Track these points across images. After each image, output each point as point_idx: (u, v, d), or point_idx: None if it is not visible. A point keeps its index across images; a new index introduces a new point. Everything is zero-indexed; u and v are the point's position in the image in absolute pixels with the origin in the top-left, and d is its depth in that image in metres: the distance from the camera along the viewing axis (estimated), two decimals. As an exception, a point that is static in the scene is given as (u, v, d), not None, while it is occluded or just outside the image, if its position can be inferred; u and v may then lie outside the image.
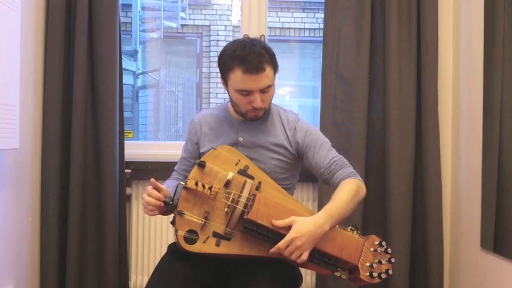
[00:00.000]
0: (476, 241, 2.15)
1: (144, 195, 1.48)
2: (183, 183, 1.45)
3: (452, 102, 2.46)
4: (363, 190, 1.54)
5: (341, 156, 1.60)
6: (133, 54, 4.08)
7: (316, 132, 1.64)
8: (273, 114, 1.66)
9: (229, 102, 1.69)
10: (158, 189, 1.48)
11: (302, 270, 1.71)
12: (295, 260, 1.38)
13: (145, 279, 1.59)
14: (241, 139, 1.62)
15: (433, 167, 2.36)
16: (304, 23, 4.59)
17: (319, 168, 1.57)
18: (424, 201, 2.37)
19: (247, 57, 1.48)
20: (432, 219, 2.36)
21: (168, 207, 1.49)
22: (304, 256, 1.38)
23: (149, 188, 1.47)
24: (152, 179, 1.48)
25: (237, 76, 1.50)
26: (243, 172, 1.50)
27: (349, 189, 1.49)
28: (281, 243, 1.37)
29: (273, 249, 1.39)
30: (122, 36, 2.37)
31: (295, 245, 1.36)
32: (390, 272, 1.45)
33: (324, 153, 1.58)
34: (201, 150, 1.66)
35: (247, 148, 1.61)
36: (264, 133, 1.63)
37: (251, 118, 1.60)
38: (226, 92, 1.63)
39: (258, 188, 1.48)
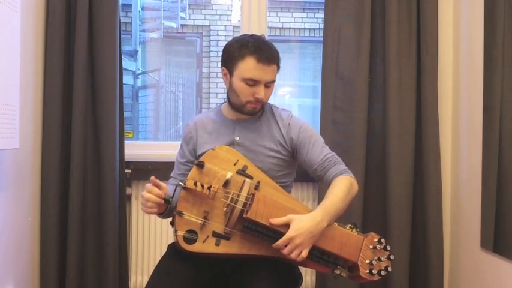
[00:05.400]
0: (476, 241, 2.15)
1: (143, 192, 1.47)
2: (182, 184, 1.46)
3: (452, 102, 2.46)
4: (356, 187, 1.56)
5: (334, 153, 1.63)
6: (133, 54, 4.07)
7: (310, 129, 1.66)
8: (266, 112, 1.67)
9: (222, 105, 1.71)
10: (158, 187, 1.47)
11: (302, 270, 1.71)
12: (295, 258, 1.38)
13: (145, 279, 1.59)
14: (237, 138, 1.63)
15: (433, 167, 2.36)
16: (304, 23, 4.59)
17: (313, 165, 1.59)
18: (424, 201, 2.37)
19: (262, 47, 1.56)
20: (432, 219, 2.35)
21: (167, 205, 1.48)
22: (304, 254, 1.39)
23: (149, 185, 1.47)
24: (153, 177, 1.47)
25: (249, 64, 1.53)
26: (241, 172, 1.50)
27: (343, 186, 1.51)
28: (279, 242, 1.38)
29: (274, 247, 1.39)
30: (122, 36, 2.37)
31: (295, 244, 1.37)
32: (390, 269, 1.45)
33: (318, 150, 1.60)
34: (199, 153, 1.66)
35: (244, 147, 1.61)
36: (260, 131, 1.64)
37: (249, 111, 1.60)
38: (226, 82, 1.63)
39: (257, 188, 1.48)
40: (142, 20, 4.21)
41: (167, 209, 1.52)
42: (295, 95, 4.32)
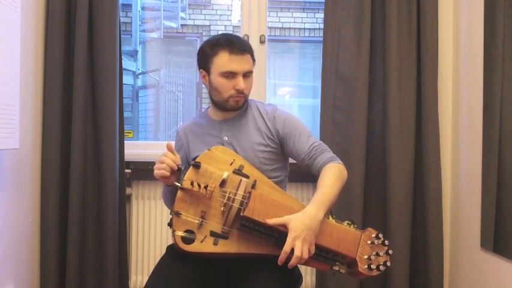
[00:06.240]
0: (476, 241, 2.15)
1: (159, 156, 1.51)
2: (179, 184, 1.46)
3: (452, 102, 2.46)
4: (345, 173, 1.57)
5: (321, 142, 1.64)
6: (133, 54, 4.07)
7: (295, 120, 1.67)
8: (251, 108, 1.69)
9: (209, 108, 1.74)
10: (173, 153, 1.52)
11: (302, 270, 1.71)
12: (305, 257, 1.38)
13: (145, 279, 1.59)
14: (226, 138, 1.65)
15: (433, 167, 2.36)
16: (304, 23, 4.59)
17: (300, 155, 1.60)
18: (424, 201, 2.37)
19: (233, 39, 1.61)
20: (432, 219, 2.35)
21: (177, 176, 1.52)
22: (312, 250, 1.40)
23: (165, 151, 1.52)
24: (169, 143, 1.53)
25: (223, 58, 1.58)
26: (238, 171, 1.51)
27: (332, 174, 1.52)
28: (286, 247, 1.37)
29: (281, 257, 1.38)
30: (122, 36, 2.37)
31: (300, 243, 1.37)
32: (388, 263, 1.45)
33: (304, 139, 1.61)
34: (192, 157, 1.66)
35: (233, 145, 1.63)
36: (247, 127, 1.65)
37: (232, 106, 1.63)
38: (206, 85, 1.66)
39: (253, 187, 1.49)
40: (142, 20, 4.20)
41: (178, 177, 1.53)
42: (295, 95, 4.32)
